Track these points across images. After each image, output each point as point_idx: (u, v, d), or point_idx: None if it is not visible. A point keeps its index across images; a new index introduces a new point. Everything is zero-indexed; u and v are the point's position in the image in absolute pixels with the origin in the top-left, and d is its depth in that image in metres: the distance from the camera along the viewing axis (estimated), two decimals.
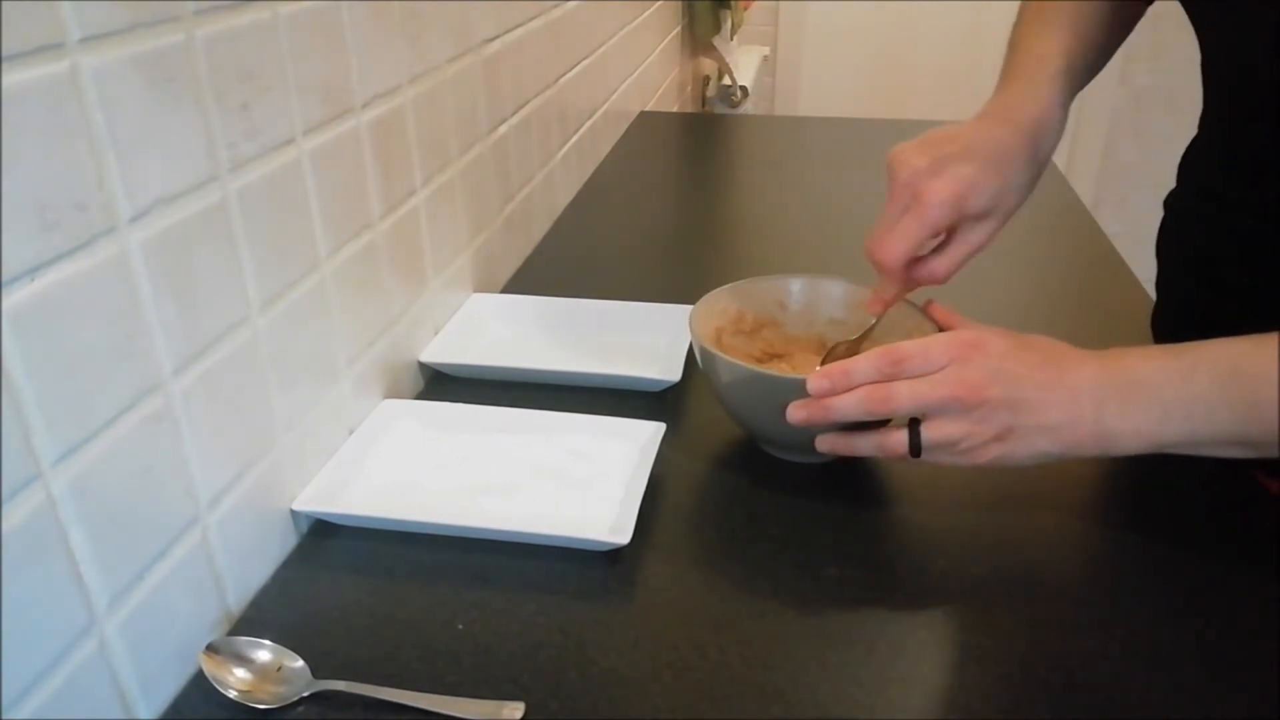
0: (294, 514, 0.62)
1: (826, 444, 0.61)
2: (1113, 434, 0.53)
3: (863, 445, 0.59)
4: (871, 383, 0.56)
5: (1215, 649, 0.53)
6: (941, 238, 0.65)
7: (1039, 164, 0.66)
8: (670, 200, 1.29)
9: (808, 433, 0.67)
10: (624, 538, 0.58)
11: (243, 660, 0.52)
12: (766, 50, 2.77)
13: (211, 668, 0.51)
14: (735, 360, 0.64)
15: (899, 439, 0.57)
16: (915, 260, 0.65)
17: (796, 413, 0.59)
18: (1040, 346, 0.56)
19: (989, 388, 0.54)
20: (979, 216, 0.64)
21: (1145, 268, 0.88)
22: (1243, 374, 0.50)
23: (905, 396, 0.55)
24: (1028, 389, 0.54)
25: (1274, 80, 0.59)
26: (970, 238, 0.65)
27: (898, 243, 0.63)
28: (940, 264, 0.65)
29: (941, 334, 0.58)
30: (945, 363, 0.55)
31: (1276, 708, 0.50)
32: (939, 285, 0.66)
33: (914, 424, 0.56)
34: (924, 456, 0.57)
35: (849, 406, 0.57)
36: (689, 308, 0.71)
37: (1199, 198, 0.73)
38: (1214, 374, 0.51)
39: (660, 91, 1.80)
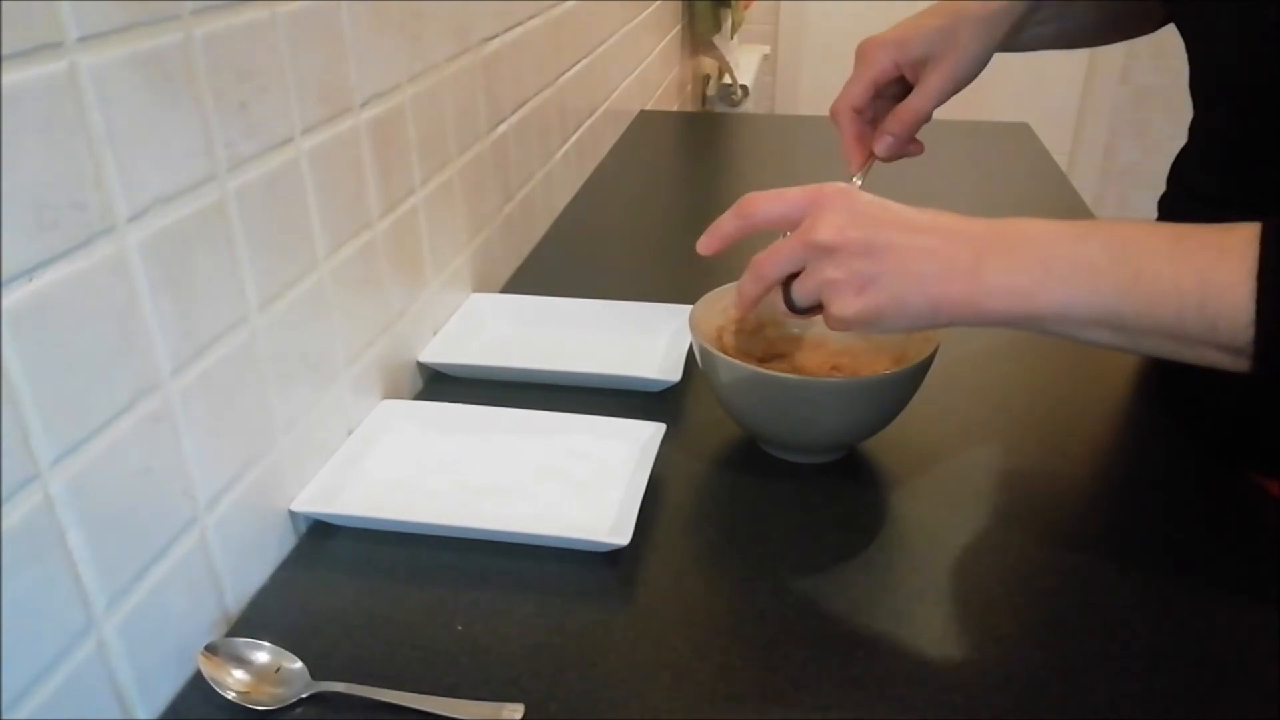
0: (292, 515, 0.62)
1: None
2: (986, 290, 0.49)
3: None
4: (729, 232, 0.57)
5: (1215, 649, 0.53)
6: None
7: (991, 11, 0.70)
8: (670, 200, 1.28)
9: (808, 433, 0.67)
10: (624, 538, 0.58)
11: (241, 661, 0.51)
12: (767, 49, 2.77)
13: (210, 669, 0.51)
14: (735, 360, 0.64)
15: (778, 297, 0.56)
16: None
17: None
18: (924, 209, 0.53)
19: (845, 230, 0.51)
20: (932, 60, 0.69)
21: None
22: (1133, 244, 0.48)
23: (765, 259, 0.54)
24: (892, 233, 0.50)
25: (1255, 87, 0.60)
26: (935, 73, 0.69)
27: (847, 89, 0.71)
28: (913, 100, 0.69)
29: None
30: (803, 204, 0.53)
31: (1276, 708, 0.49)
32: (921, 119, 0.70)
33: (789, 280, 0.55)
34: (804, 314, 0.55)
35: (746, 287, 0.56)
36: (689, 308, 0.70)
37: (1189, 199, 0.73)
38: (1105, 242, 0.49)
39: (660, 90, 1.80)
